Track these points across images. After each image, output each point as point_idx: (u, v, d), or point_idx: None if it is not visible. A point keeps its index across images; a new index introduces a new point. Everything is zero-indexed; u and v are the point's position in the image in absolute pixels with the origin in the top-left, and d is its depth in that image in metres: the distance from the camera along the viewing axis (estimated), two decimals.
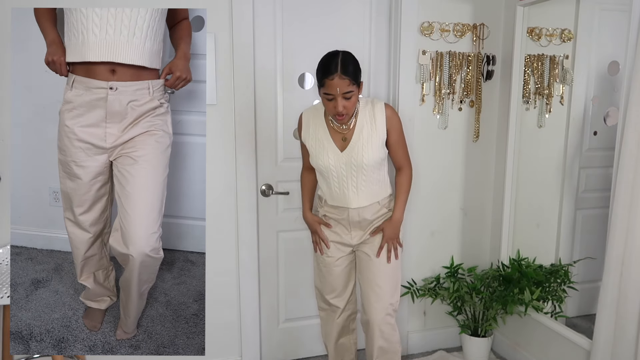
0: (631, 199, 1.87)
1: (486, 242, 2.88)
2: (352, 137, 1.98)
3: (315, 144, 2.03)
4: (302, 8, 2.44)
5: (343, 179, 2.02)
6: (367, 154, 1.97)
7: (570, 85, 2.58)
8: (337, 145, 2.00)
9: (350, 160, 1.98)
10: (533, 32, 2.56)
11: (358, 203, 2.05)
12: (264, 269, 2.59)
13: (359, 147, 1.97)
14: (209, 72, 2.30)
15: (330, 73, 1.82)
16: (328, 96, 1.86)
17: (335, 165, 2.00)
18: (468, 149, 2.75)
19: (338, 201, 2.08)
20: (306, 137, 2.07)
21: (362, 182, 2.02)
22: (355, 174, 2.00)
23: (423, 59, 2.55)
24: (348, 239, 2.14)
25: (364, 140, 1.97)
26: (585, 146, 2.62)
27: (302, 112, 2.12)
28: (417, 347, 2.83)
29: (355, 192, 2.03)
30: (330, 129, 2.01)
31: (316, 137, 2.03)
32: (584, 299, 2.59)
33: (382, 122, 1.99)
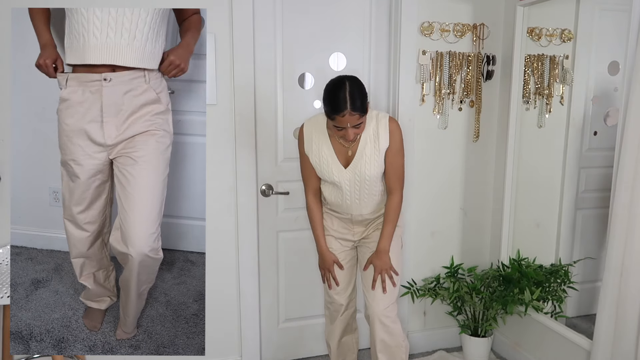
0: (631, 199, 1.87)
1: (486, 242, 2.88)
2: (356, 153, 2.01)
3: (319, 160, 2.05)
4: (302, 9, 2.43)
5: (347, 192, 2.06)
6: (370, 169, 2.00)
7: (570, 85, 2.58)
8: (341, 162, 2.03)
9: (354, 176, 2.02)
10: (533, 32, 2.56)
11: (360, 212, 2.10)
12: (264, 269, 2.59)
13: (362, 163, 2.01)
14: (209, 72, 2.30)
15: (340, 110, 1.82)
16: (338, 128, 1.88)
17: (339, 180, 2.04)
18: (468, 149, 2.75)
19: (340, 209, 2.12)
20: (309, 151, 2.07)
21: (365, 195, 2.06)
22: (358, 187, 2.05)
23: (423, 59, 2.55)
24: (350, 235, 2.18)
25: (367, 156, 2.00)
26: (585, 146, 2.62)
27: (303, 124, 2.11)
28: (417, 347, 2.83)
29: (358, 203, 2.08)
30: (334, 144, 2.03)
31: (320, 154, 2.04)
32: (584, 299, 2.59)
33: (386, 138, 2.00)
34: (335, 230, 2.18)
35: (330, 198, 2.12)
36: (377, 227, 2.17)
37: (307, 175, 2.14)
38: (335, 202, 2.11)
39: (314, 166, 2.07)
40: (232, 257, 2.49)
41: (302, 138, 2.08)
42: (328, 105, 1.86)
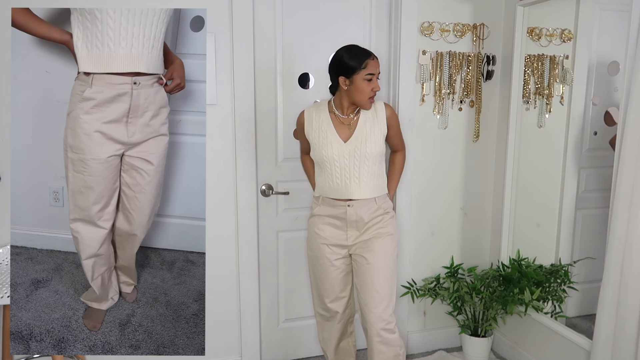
0: (631, 199, 1.87)
1: (486, 242, 2.88)
2: (356, 128, 2.06)
3: (318, 136, 2.08)
4: (302, 9, 2.44)
5: (345, 170, 2.06)
6: (370, 144, 2.05)
7: (570, 85, 2.58)
8: (341, 137, 2.06)
9: (354, 150, 2.04)
10: (533, 32, 2.56)
11: (359, 194, 2.07)
12: (264, 269, 2.59)
13: (362, 137, 2.05)
14: (209, 72, 2.30)
15: (369, 55, 2.00)
16: (369, 76, 1.99)
17: (338, 155, 2.05)
18: (468, 149, 2.75)
19: (339, 193, 2.08)
20: (309, 131, 2.12)
21: (364, 173, 2.06)
22: (358, 164, 2.05)
23: (423, 59, 2.55)
24: (343, 239, 2.13)
25: (367, 132, 2.06)
26: (585, 146, 2.62)
27: (303, 110, 2.17)
28: (417, 347, 2.83)
29: (357, 182, 2.07)
30: (335, 122, 2.08)
31: (320, 129, 2.08)
32: (584, 299, 2.59)
33: (383, 119, 2.11)
34: (328, 237, 2.14)
35: (330, 182, 2.08)
36: (372, 234, 2.11)
37: (301, 144, 2.28)
38: (334, 185, 2.07)
39: (312, 146, 2.11)
40: (232, 257, 2.50)
41: (301, 121, 2.16)
42: (355, 58, 1.98)
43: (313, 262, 2.22)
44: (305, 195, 2.54)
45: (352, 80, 2.00)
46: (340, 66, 2.00)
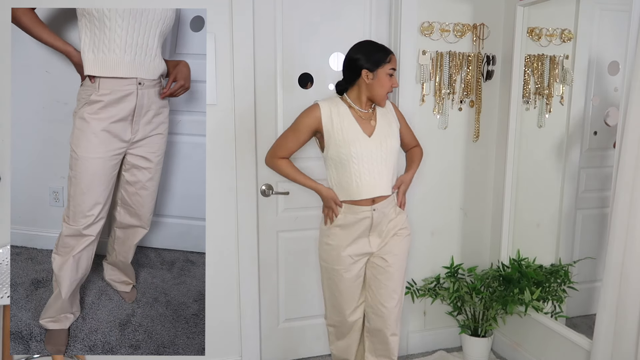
0: (631, 199, 1.87)
1: (486, 242, 2.88)
2: (377, 123, 2.06)
3: (342, 132, 1.99)
4: (302, 9, 2.44)
5: (372, 165, 2.01)
6: (391, 139, 2.06)
7: (570, 85, 2.58)
8: (365, 132, 2.02)
9: (380, 144, 2.02)
10: (533, 32, 2.56)
11: (382, 190, 2.03)
12: (264, 269, 2.59)
13: (384, 132, 2.05)
14: (209, 72, 2.31)
15: (389, 51, 2.00)
16: (392, 71, 2.00)
17: (366, 151, 1.99)
18: (468, 149, 2.75)
19: (364, 193, 2.01)
20: (329, 127, 2.00)
21: (385, 169, 2.04)
22: (383, 158, 2.03)
23: (423, 59, 2.55)
24: (367, 247, 2.08)
25: (387, 126, 2.07)
26: (585, 146, 2.62)
27: (316, 102, 2.04)
28: (417, 347, 2.83)
29: (378, 179, 2.02)
30: (356, 117, 2.03)
31: (342, 125, 2.00)
32: (584, 299, 2.59)
33: (393, 114, 2.14)
34: (352, 248, 2.06)
35: (355, 182, 2.00)
36: (392, 233, 2.10)
37: (285, 144, 2.07)
38: (362, 182, 2.00)
39: (334, 143, 2.00)
40: (232, 257, 2.49)
41: (317, 115, 2.01)
42: (376, 53, 1.97)
43: (330, 275, 2.11)
44: (306, 195, 2.54)
45: (375, 74, 1.97)
46: (366, 58, 1.96)
